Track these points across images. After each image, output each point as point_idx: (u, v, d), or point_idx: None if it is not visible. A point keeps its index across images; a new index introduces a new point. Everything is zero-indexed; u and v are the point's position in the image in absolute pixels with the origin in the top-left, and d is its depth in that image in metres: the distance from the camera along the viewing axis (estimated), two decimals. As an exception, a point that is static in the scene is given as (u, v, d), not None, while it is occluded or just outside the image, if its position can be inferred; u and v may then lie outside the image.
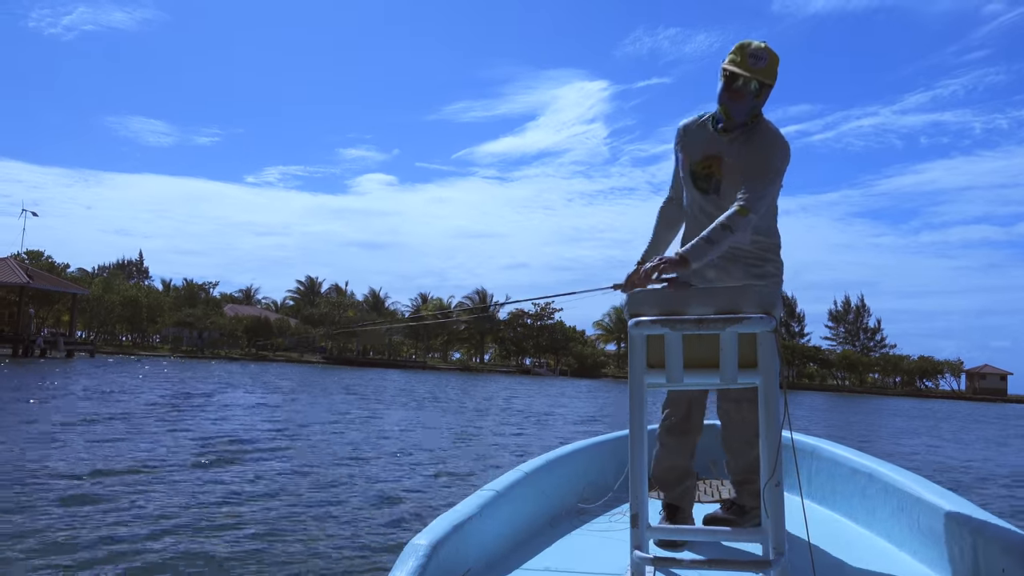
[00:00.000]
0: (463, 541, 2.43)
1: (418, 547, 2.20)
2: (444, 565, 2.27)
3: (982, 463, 14.48)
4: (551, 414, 19.38)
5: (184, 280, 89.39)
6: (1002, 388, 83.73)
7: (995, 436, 23.63)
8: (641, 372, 2.46)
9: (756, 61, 2.71)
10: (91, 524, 5.53)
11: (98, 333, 74.47)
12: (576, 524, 3.23)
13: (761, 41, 2.77)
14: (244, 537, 5.43)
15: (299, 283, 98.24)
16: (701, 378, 2.46)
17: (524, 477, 3.09)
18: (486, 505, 2.66)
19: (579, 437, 4.21)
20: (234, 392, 22.00)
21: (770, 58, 2.73)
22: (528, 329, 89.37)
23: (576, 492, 3.54)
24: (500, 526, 2.77)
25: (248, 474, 8.12)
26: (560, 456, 3.52)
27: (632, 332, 2.44)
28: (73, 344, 51.89)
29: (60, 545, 4.96)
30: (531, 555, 2.76)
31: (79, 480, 7.17)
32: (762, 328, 2.33)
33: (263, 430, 12.40)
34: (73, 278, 73.85)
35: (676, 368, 2.42)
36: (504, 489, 2.87)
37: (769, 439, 2.35)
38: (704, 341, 2.42)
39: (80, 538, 5.13)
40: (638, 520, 2.40)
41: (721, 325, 2.33)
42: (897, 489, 2.87)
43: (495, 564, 2.63)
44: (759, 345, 2.37)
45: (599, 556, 2.75)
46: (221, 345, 76.56)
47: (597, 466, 3.66)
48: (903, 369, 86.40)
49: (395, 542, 5.55)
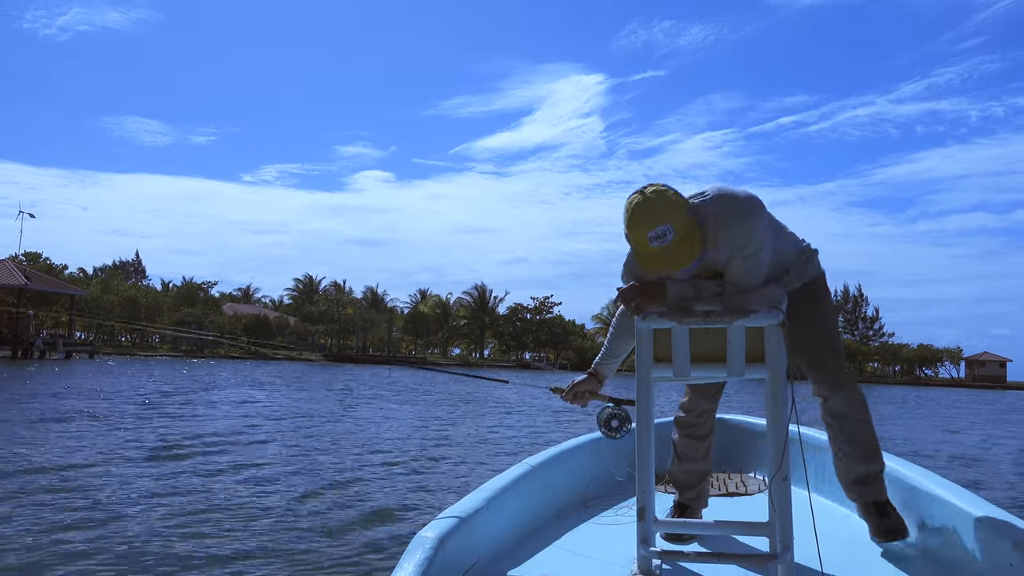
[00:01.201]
0: (470, 534, 2.43)
1: (425, 540, 2.21)
2: (451, 558, 2.27)
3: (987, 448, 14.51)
4: (561, 409, 19.40)
5: (183, 279, 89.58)
6: (1001, 375, 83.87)
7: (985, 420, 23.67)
8: (648, 366, 2.45)
9: (661, 240, 2.23)
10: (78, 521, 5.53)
11: (97, 334, 74.42)
12: (583, 517, 3.23)
13: (640, 195, 2.26)
14: (246, 534, 5.44)
15: (297, 281, 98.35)
16: (708, 372, 2.46)
17: (531, 470, 3.10)
18: (493, 498, 2.66)
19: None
20: (238, 390, 22.04)
21: (666, 212, 2.22)
22: (527, 323, 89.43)
23: (583, 485, 3.54)
24: (507, 519, 2.77)
25: (250, 468, 8.13)
26: (567, 449, 3.53)
27: (639, 325, 2.44)
28: (72, 345, 51.85)
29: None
30: (538, 548, 2.76)
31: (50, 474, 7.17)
32: (769, 321, 2.33)
33: (265, 423, 12.42)
34: (71, 279, 73.83)
35: (683, 362, 2.42)
36: (511, 482, 2.87)
37: (776, 433, 2.35)
38: (711, 335, 2.42)
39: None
40: (645, 513, 2.40)
41: (728, 319, 2.33)
42: (905, 483, 2.87)
43: (502, 557, 2.64)
44: (767, 339, 2.37)
45: (606, 549, 2.76)
46: (221, 344, 76.51)
47: (603, 459, 3.66)
48: (902, 358, 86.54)
49: (402, 535, 5.55)
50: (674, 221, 2.22)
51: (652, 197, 2.24)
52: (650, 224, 2.22)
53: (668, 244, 2.23)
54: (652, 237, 2.22)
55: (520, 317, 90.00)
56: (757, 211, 2.41)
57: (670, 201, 2.24)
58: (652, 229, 2.22)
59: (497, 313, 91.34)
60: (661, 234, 2.22)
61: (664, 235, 2.22)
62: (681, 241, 2.24)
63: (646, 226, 2.22)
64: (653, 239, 2.23)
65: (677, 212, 2.24)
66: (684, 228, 2.25)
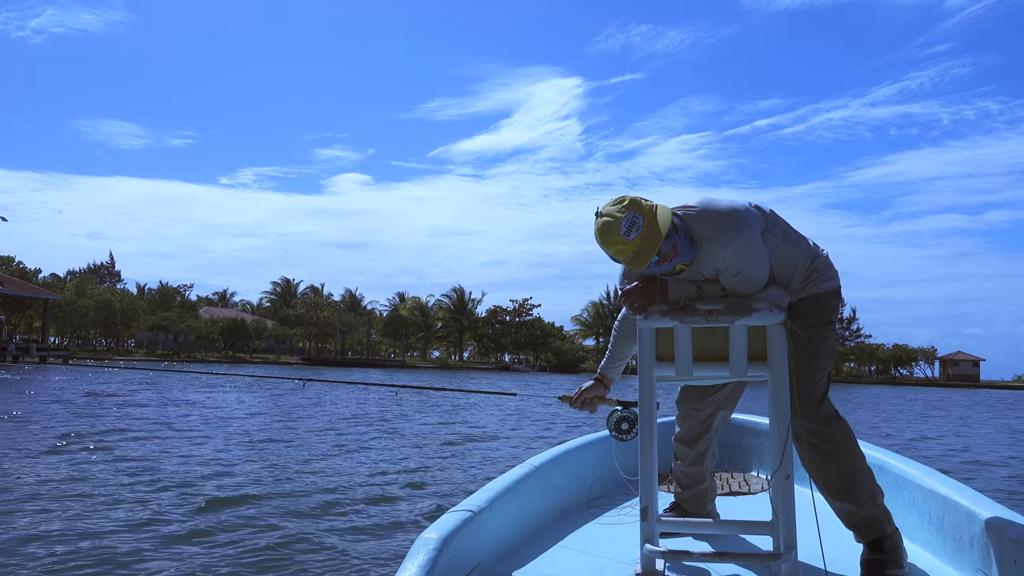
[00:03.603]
0: (473, 535, 2.42)
1: (428, 541, 2.20)
2: (455, 559, 2.26)
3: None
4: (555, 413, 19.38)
5: (159, 283, 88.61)
6: (975, 374, 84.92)
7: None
8: (651, 365, 2.46)
9: (635, 228, 2.31)
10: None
11: (72, 339, 73.42)
12: (586, 517, 3.24)
13: (597, 216, 2.37)
14: (249, 533, 5.39)
15: (275, 284, 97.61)
16: (710, 371, 2.47)
17: (533, 471, 3.09)
18: (496, 499, 2.66)
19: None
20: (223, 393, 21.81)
21: (635, 210, 2.32)
22: (506, 326, 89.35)
23: (586, 485, 3.54)
24: (510, 520, 2.77)
25: (249, 468, 8.05)
26: (569, 450, 3.53)
27: (641, 325, 2.44)
28: (46, 350, 51.14)
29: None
30: (542, 548, 2.76)
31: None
32: (771, 320, 2.34)
33: (259, 424, 12.31)
34: (45, 283, 72.81)
35: (685, 361, 2.43)
36: (514, 483, 2.87)
37: (778, 431, 2.36)
38: (713, 334, 2.42)
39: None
40: (648, 513, 2.40)
41: (730, 318, 2.33)
42: (908, 481, 2.89)
43: (505, 557, 2.63)
44: (768, 338, 2.38)
45: (609, 549, 2.76)
46: (197, 348, 75.84)
47: (606, 459, 3.66)
48: (878, 358, 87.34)
49: (405, 536, 5.53)
50: (634, 210, 2.32)
51: (606, 209, 2.37)
52: (617, 226, 2.31)
53: (643, 231, 2.30)
54: (625, 231, 2.30)
55: (499, 319, 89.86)
56: (740, 233, 2.39)
57: (621, 203, 2.35)
58: (621, 225, 2.30)
59: (476, 315, 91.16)
60: (630, 223, 2.30)
61: (634, 222, 2.31)
62: (652, 226, 2.32)
63: (615, 229, 2.31)
64: (627, 232, 2.30)
65: (634, 204, 2.34)
66: (648, 214, 2.33)
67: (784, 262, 2.54)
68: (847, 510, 2.53)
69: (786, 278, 2.55)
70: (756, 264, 2.43)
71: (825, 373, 2.57)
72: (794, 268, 2.56)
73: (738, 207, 2.45)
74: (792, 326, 2.46)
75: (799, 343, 2.49)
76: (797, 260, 2.56)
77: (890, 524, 2.54)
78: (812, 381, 2.53)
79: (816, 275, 2.60)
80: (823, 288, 2.61)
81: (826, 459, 2.51)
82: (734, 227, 2.39)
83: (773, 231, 2.53)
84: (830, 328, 2.61)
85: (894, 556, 2.49)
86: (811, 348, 2.53)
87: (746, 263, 2.41)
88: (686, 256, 2.43)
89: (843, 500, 2.52)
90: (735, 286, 2.45)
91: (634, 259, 2.33)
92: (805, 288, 2.59)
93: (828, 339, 2.59)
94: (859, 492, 2.50)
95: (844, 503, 2.52)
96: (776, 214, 2.60)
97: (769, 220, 2.54)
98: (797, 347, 2.49)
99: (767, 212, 2.57)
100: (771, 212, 2.59)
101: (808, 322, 2.54)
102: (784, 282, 2.54)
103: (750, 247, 2.40)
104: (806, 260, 2.58)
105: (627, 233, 2.30)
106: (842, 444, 2.52)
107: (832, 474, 2.52)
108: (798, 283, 2.58)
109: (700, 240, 2.43)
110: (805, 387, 2.51)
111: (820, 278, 2.61)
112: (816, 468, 2.54)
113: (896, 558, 2.49)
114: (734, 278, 2.43)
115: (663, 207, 2.39)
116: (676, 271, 2.50)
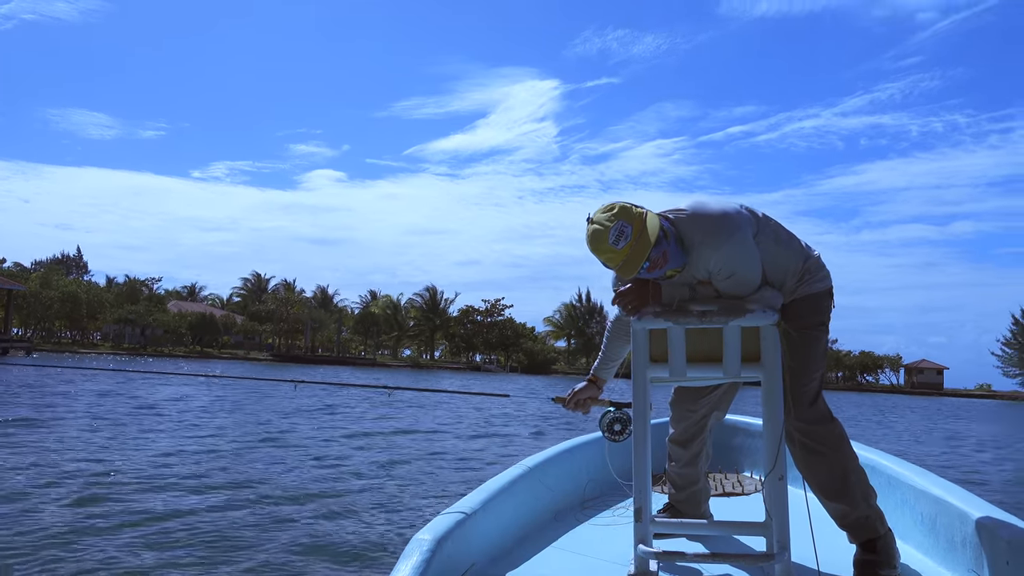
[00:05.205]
0: (467, 536, 2.41)
1: (422, 542, 2.19)
2: (448, 560, 2.25)
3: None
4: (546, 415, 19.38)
5: (126, 276, 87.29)
6: (939, 382, 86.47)
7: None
8: (644, 366, 2.46)
9: (623, 237, 2.32)
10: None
11: (35, 330, 72.13)
12: (580, 518, 3.23)
13: (588, 222, 2.39)
14: (245, 532, 5.33)
15: (245, 280, 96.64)
16: (704, 372, 2.47)
17: (527, 472, 3.08)
18: (490, 500, 2.64)
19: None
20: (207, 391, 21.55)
21: (624, 218, 2.34)
22: (478, 326, 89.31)
23: (579, 486, 3.53)
24: (504, 521, 2.75)
25: (245, 469, 7.94)
26: (563, 451, 3.52)
27: (635, 326, 2.44)
28: (8, 341, 50.19)
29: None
30: (535, 550, 2.75)
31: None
32: (765, 321, 2.35)
33: (252, 424, 12.17)
34: (9, 273, 71.41)
35: (679, 362, 2.43)
36: (507, 484, 2.85)
37: (771, 432, 2.36)
38: (707, 335, 2.42)
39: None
40: (642, 514, 2.40)
41: (724, 319, 2.34)
42: (901, 482, 2.91)
43: (499, 558, 2.62)
44: (762, 339, 2.39)
45: (603, 550, 2.75)
46: (164, 342, 74.88)
47: (600, 460, 3.66)
48: (845, 364, 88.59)
49: (399, 537, 5.50)
50: (623, 218, 2.34)
51: (596, 217, 2.39)
52: (605, 235, 2.33)
53: (632, 240, 2.32)
54: (613, 240, 2.32)
55: (471, 319, 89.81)
56: (731, 237, 2.40)
57: (611, 211, 2.37)
58: (609, 234, 2.33)
59: (448, 315, 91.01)
60: (619, 231, 2.32)
61: (623, 231, 2.33)
62: (641, 234, 2.33)
63: (604, 237, 2.34)
64: (616, 240, 2.32)
65: (624, 212, 2.36)
66: (638, 223, 2.34)
67: (776, 264, 2.54)
68: (840, 511, 2.54)
69: (779, 279, 2.56)
70: (748, 267, 2.44)
71: (818, 374, 2.59)
72: (786, 269, 2.57)
73: (729, 210, 2.46)
74: (785, 327, 2.47)
75: (792, 344, 2.50)
76: (789, 261, 2.57)
77: (883, 525, 2.56)
78: (805, 382, 2.54)
79: (808, 276, 2.61)
80: (815, 289, 2.62)
81: (819, 460, 2.53)
82: (725, 230, 2.40)
83: (765, 233, 2.54)
84: (823, 329, 2.62)
85: (887, 557, 2.51)
86: (804, 349, 2.54)
87: (738, 266, 2.42)
88: (676, 263, 2.44)
89: (836, 501, 2.53)
90: (728, 288, 2.46)
91: (623, 267, 2.35)
92: (798, 289, 2.59)
93: (821, 340, 2.61)
94: (852, 493, 2.52)
95: (837, 504, 2.53)
96: (768, 216, 2.61)
97: (761, 222, 2.55)
98: (790, 348, 2.49)
99: (759, 215, 2.58)
100: (763, 215, 2.59)
101: (801, 323, 2.55)
102: (777, 283, 2.55)
103: (741, 250, 2.41)
104: (798, 261, 2.59)
105: (615, 242, 2.32)
106: (835, 445, 2.53)
107: (825, 475, 2.53)
108: (791, 284, 2.58)
109: (691, 244, 2.44)
110: (798, 388, 2.52)
111: (812, 279, 2.62)
112: (809, 468, 2.55)
113: (889, 559, 2.51)
114: (726, 280, 2.44)
115: (652, 214, 2.40)
116: (667, 276, 2.50)
